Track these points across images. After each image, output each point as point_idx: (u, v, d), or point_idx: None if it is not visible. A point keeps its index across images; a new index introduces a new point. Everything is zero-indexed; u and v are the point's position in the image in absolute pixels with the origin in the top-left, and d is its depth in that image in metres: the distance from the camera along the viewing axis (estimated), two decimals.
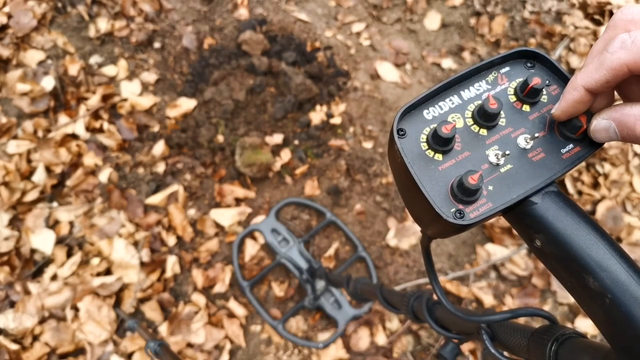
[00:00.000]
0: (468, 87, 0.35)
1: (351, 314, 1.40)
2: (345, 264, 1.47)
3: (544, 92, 0.35)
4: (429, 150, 0.33)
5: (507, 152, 0.33)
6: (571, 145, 0.34)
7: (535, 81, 0.34)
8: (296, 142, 1.61)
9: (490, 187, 0.33)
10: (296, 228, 1.51)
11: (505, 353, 0.49)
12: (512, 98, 0.35)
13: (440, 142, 0.33)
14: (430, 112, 0.35)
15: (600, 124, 0.31)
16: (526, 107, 0.35)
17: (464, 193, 0.31)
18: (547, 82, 0.35)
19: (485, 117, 0.34)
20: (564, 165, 0.33)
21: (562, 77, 0.36)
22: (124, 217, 1.45)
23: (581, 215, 0.31)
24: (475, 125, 0.34)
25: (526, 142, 0.34)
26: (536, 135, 0.33)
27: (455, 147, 0.34)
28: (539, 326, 0.45)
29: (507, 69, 0.36)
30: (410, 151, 0.33)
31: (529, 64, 0.36)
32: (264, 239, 1.47)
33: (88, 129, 1.54)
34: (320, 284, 1.40)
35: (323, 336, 1.40)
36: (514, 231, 1.56)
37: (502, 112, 0.34)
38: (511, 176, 0.33)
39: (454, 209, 0.32)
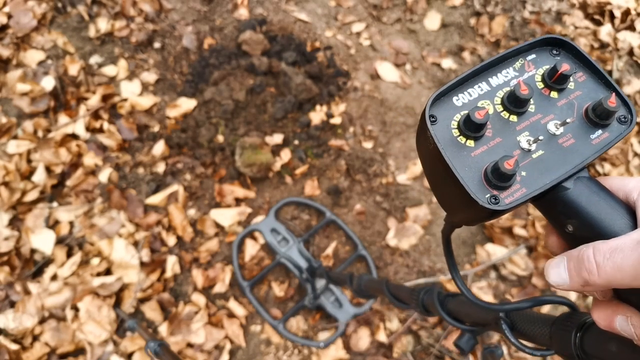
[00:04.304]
0: (496, 74, 0.36)
1: (352, 313, 1.40)
2: (345, 262, 1.47)
3: (571, 79, 0.35)
4: (461, 137, 0.33)
5: (540, 138, 0.33)
6: (600, 131, 0.34)
7: (565, 67, 0.34)
8: (296, 142, 1.61)
9: (524, 173, 0.33)
10: (296, 228, 1.51)
11: (525, 342, 0.49)
12: (540, 85, 0.35)
13: (473, 128, 0.33)
14: (460, 99, 0.35)
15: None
16: (554, 94, 0.35)
17: (499, 179, 0.31)
18: (574, 69, 0.35)
19: (515, 103, 0.34)
20: (594, 150, 0.33)
21: (587, 64, 0.36)
22: (124, 217, 1.45)
23: (614, 199, 0.31)
24: (505, 112, 0.34)
25: (556, 128, 0.34)
26: (567, 121, 0.33)
27: (486, 134, 0.34)
28: (560, 314, 0.45)
29: (533, 56, 0.36)
30: (442, 137, 0.33)
31: (554, 51, 0.37)
32: (263, 239, 1.47)
33: (88, 129, 1.54)
34: (321, 283, 1.40)
35: (323, 336, 1.40)
36: (514, 231, 1.56)
37: (531, 98, 0.34)
38: (543, 162, 0.33)
39: (488, 195, 0.32)
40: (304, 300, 1.40)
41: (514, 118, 0.34)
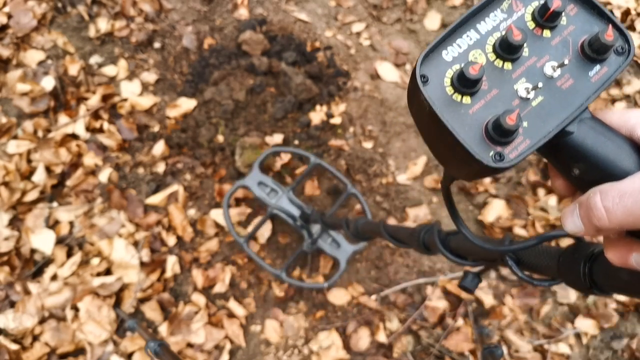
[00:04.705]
0: (483, 19, 0.33)
1: (351, 251, 1.43)
2: (336, 203, 1.46)
3: (563, 14, 0.34)
4: (456, 94, 0.32)
5: (539, 85, 0.31)
6: (598, 67, 0.32)
7: (556, 4, 0.32)
8: (296, 142, 1.61)
9: (525, 124, 0.31)
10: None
11: (532, 275, 0.49)
12: (531, 25, 0.33)
13: (468, 84, 0.31)
14: (450, 53, 0.33)
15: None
16: (547, 33, 0.33)
17: (502, 135, 0.30)
18: (565, 3, 0.33)
19: (509, 50, 0.32)
20: (594, 88, 0.32)
21: None
22: (124, 217, 1.45)
23: (619, 138, 0.31)
24: (498, 60, 0.32)
25: (553, 70, 0.32)
26: (564, 62, 0.32)
27: (482, 87, 0.32)
28: (567, 246, 0.44)
29: None
30: (437, 98, 0.31)
31: None
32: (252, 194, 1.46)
33: (88, 129, 1.54)
34: (316, 228, 1.40)
35: (323, 335, 1.40)
36: (514, 231, 1.56)
37: (525, 43, 0.32)
38: (544, 108, 0.32)
39: (492, 153, 0.31)
40: (302, 247, 1.42)
41: (508, 65, 0.32)
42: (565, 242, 1.42)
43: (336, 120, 1.64)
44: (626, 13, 1.90)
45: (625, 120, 0.31)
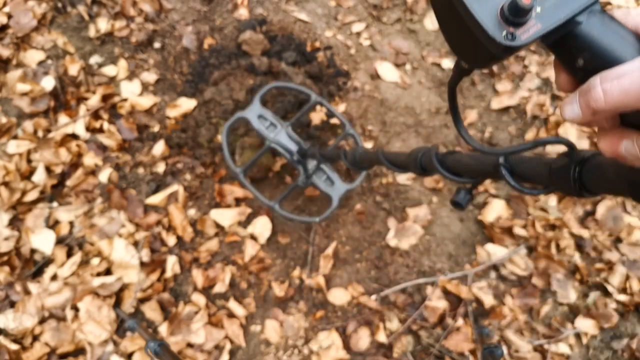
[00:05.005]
0: None
1: (344, 189, 1.44)
2: (335, 141, 1.47)
3: None
4: None
5: None
6: None
7: None
8: None
9: (538, 9, 0.33)
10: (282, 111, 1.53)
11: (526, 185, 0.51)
12: None
13: None
14: None
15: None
16: None
17: (516, 14, 0.32)
18: None
19: None
20: None
21: None
22: (124, 217, 1.45)
23: (625, 30, 0.32)
24: None
25: None
26: None
27: None
28: (559, 153, 0.46)
29: None
30: None
31: None
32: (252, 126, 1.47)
33: (88, 129, 1.54)
34: (312, 164, 1.41)
35: (323, 334, 1.40)
36: (514, 231, 1.56)
37: None
38: None
39: (505, 32, 0.33)
40: (297, 181, 1.43)
41: None
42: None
43: (336, 120, 1.64)
44: None
45: (632, 17, 0.33)
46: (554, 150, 1.60)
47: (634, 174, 0.35)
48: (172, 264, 1.43)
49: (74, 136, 1.53)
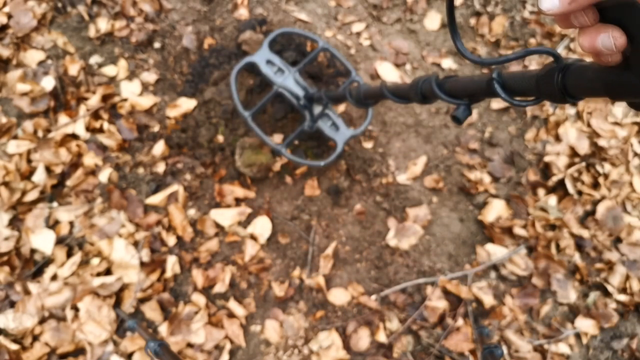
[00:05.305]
0: None
1: (348, 135, 1.48)
2: (341, 87, 1.49)
3: None
4: None
5: None
6: None
7: None
8: (296, 142, 1.61)
9: None
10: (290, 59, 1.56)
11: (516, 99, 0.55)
12: None
13: None
14: None
15: None
16: None
17: None
18: None
19: None
20: None
21: None
22: (124, 217, 1.45)
23: None
24: None
25: None
26: None
27: None
28: (545, 64, 0.49)
29: None
30: None
31: None
32: (261, 70, 1.49)
33: (88, 129, 1.54)
34: (318, 109, 1.44)
35: (323, 334, 1.40)
36: (514, 231, 1.56)
37: None
38: None
39: None
40: (303, 126, 1.45)
41: None
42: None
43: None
44: None
45: None
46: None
47: (609, 74, 0.37)
48: (172, 264, 1.43)
49: (74, 136, 1.53)
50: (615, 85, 0.37)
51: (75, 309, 1.34)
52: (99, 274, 1.38)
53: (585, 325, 1.50)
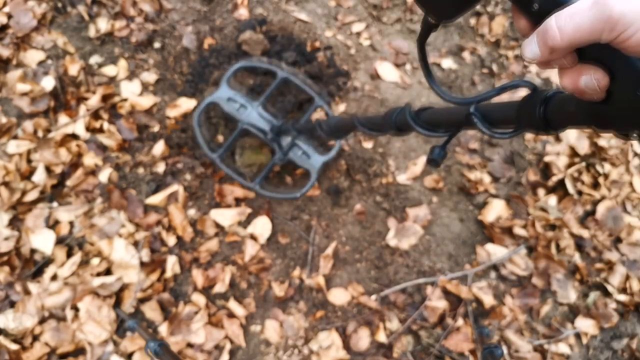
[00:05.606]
0: None
1: (321, 161, 1.48)
2: (305, 115, 1.50)
3: None
4: None
5: None
6: None
7: None
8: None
9: None
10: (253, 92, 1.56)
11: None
12: None
13: None
14: None
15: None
16: None
17: None
18: None
19: None
20: None
21: None
22: (124, 217, 1.45)
23: None
24: None
25: None
26: None
27: None
28: (524, 96, 0.50)
29: None
30: None
31: None
32: (223, 109, 1.49)
33: (88, 129, 1.54)
34: (286, 140, 1.44)
35: (323, 334, 1.40)
36: (514, 231, 1.56)
37: None
38: None
39: None
40: (274, 160, 1.44)
41: None
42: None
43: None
44: None
45: None
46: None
47: (592, 107, 0.37)
48: (172, 264, 1.43)
49: (74, 136, 1.53)
50: (600, 118, 0.37)
51: (75, 309, 1.34)
52: (99, 274, 1.38)
53: (585, 325, 1.50)
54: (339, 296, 1.46)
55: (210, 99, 1.47)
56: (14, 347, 1.27)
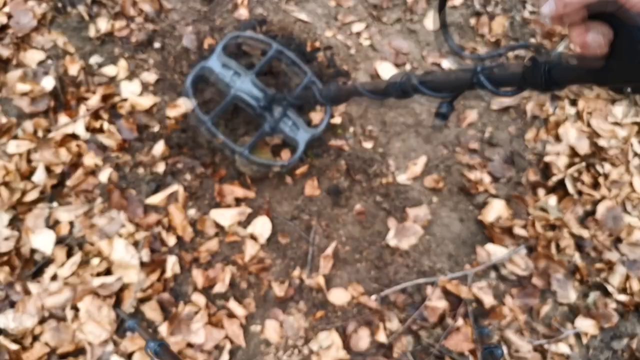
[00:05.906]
0: None
1: (309, 134, 1.51)
2: (297, 89, 1.50)
3: None
4: None
5: None
6: None
7: None
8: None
9: None
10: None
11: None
12: None
13: None
14: None
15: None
16: None
17: None
18: None
19: None
20: None
21: None
22: (124, 217, 1.45)
23: None
24: None
25: None
26: None
27: None
28: (530, 57, 0.52)
29: None
30: None
31: None
32: (215, 77, 1.49)
33: (88, 129, 1.54)
34: (278, 110, 1.46)
35: (323, 334, 1.40)
36: (514, 231, 1.56)
37: None
38: None
39: None
40: (264, 128, 1.45)
41: None
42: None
43: (336, 120, 1.64)
44: None
45: None
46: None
47: (595, 62, 0.41)
48: (172, 264, 1.43)
49: (74, 136, 1.53)
50: (602, 72, 0.40)
51: (75, 309, 1.34)
52: (99, 274, 1.38)
53: (585, 325, 1.50)
54: (339, 296, 1.46)
55: (204, 63, 1.47)
56: (14, 347, 1.27)
